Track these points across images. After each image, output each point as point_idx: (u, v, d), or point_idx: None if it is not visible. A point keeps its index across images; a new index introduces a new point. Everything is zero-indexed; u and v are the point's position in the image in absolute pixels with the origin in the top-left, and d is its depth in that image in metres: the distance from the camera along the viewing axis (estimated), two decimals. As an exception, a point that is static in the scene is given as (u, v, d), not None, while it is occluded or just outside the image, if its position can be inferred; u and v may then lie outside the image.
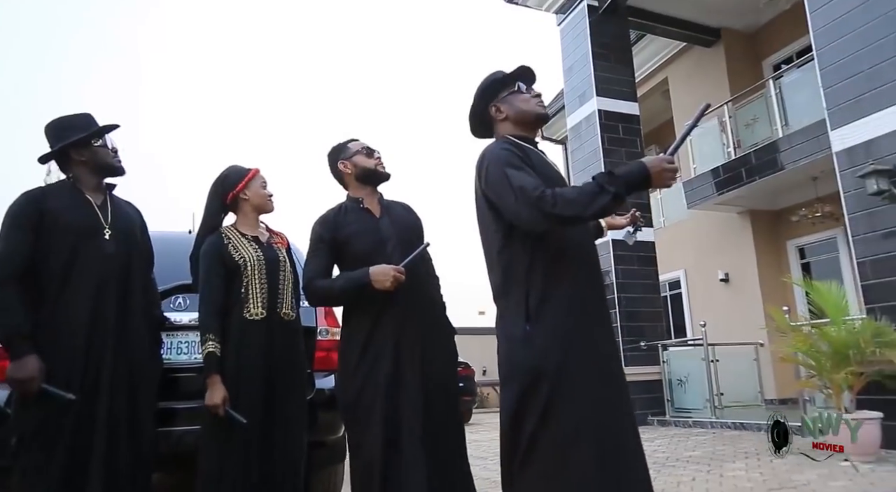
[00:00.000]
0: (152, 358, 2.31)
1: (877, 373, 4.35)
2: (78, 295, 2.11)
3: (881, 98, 4.94)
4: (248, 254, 2.43)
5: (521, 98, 1.94)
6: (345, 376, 2.26)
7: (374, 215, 2.38)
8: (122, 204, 2.40)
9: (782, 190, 8.55)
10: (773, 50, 9.66)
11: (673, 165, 1.65)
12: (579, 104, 8.83)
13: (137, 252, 2.32)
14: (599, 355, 1.74)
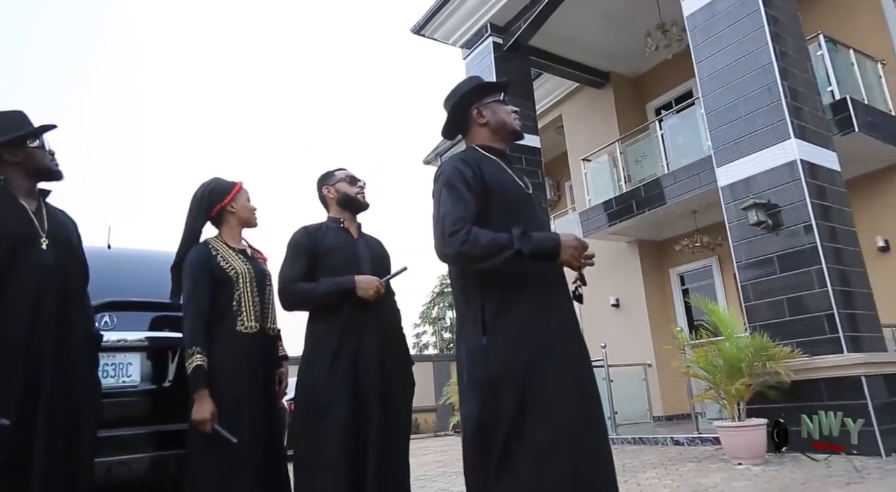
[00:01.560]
0: (95, 380, 2.12)
1: (762, 384, 4.85)
2: (14, 309, 1.90)
3: (756, 141, 5.63)
4: (240, 266, 2.39)
5: (504, 109, 1.98)
6: (313, 384, 2.26)
7: (352, 236, 2.54)
8: (57, 212, 2.19)
9: (666, 222, 9.35)
10: (655, 95, 10.65)
11: (584, 249, 1.73)
12: (485, 135, 9.16)
13: (75, 264, 2.12)
14: (563, 365, 1.73)
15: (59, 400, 1.89)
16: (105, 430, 2.37)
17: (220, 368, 2.21)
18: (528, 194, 1.95)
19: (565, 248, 1.70)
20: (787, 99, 5.43)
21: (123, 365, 2.60)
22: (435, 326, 27.44)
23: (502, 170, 1.90)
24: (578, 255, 1.72)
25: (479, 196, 1.77)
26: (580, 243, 1.73)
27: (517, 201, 1.86)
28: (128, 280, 2.97)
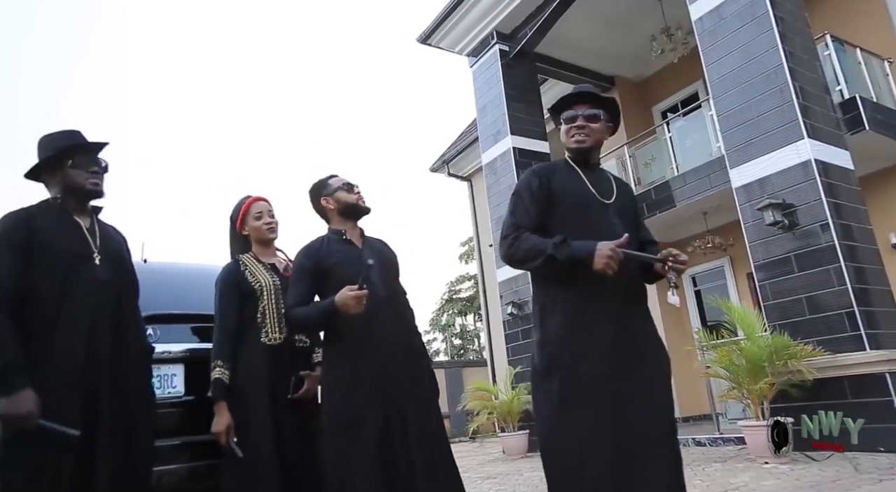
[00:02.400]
0: (151, 392, 2.16)
1: (784, 382, 4.88)
2: (73, 325, 1.94)
3: (769, 142, 5.68)
4: (265, 279, 2.44)
5: (563, 129, 2.12)
6: (337, 399, 2.26)
7: (356, 246, 2.48)
8: (109, 228, 2.24)
9: (677, 224, 9.38)
10: (661, 97, 10.72)
11: (618, 259, 1.82)
12: (494, 142, 9.25)
13: (127, 279, 2.17)
14: (602, 363, 1.89)
15: (118, 413, 1.93)
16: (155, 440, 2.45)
17: (244, 378, 2.28)
18: (603, 203, 2.05)
19: (598, 257, 1.82)
20: (798, 99, 5.48)
21: (168, 376, 2.64)
22: (445, 333, 27.47)
23: (576, 180, 2.08)
24: (613, 263, 1.82)
25: (543, 204, 2.01)
26: (614, 253, 1.82)
27: (583, 209, 2.02)
28: (165, 293, 3.02)
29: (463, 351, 26.79)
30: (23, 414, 1.76)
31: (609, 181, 2.13)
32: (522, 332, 8.35)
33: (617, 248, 1.83)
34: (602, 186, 2.08)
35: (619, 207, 2.07)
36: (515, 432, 7.65)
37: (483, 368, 14.81)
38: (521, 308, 8.35)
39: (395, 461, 2.18)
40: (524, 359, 8.23)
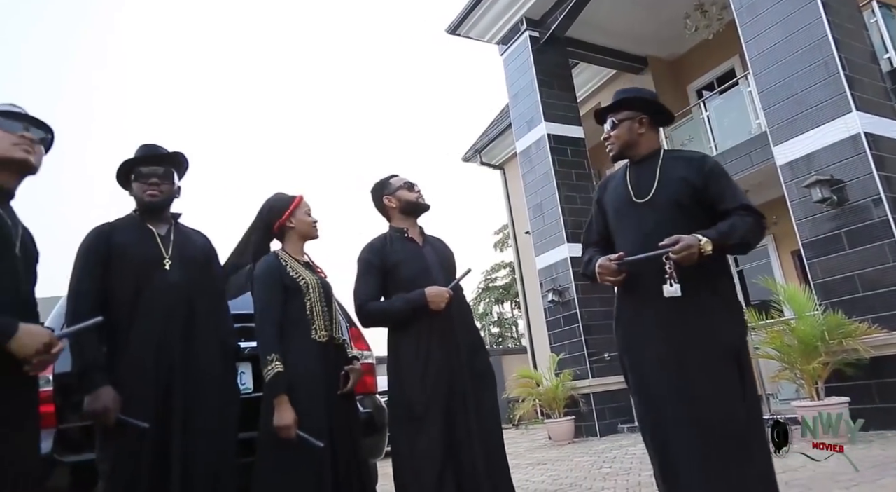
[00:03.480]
0: (225, 387, 2.23)
1: (840, 362, 4.79)
2: (145, 326, 2.09)
3: (815, 116, 5.54)
4: (308, 277, 2.46)
5: (606, 130, 2.24)
6: (408, 392, 2.34)
7: (417, 244, 2.57)
8: (190, 233, 2.37)
9: (717, 203, 9.23)
10: (696, 76, 10.50)
11: (605, 269, 2.00)
12: (528, 129, 9.21)
13: (200, 280, 2.26)
14: (648, 354, 2.02)
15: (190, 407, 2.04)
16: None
17: (298, 375, 2.26)
18: (636, 203, 2.09)
19: (598, 273, 2.04)
20: (845, 71, 5.32)
21: (238, 374, 2.75)
22: (483, 321, 27.55)
23: (621, 184, 2.18)
24: (605, 273, 2.01)
25: (599, 214, 2.25)
26: (600, 265, 2.03)
27: (619, 214, 2.15)
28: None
29: (501, 339, 26.83)
30: (99, 410, 1.92)
31: (653, 174, 2.08)
32: (564, 319, 8.35)
33: (602, 263, 2.00)
34: (642, 183, 2.09)
35: (658, 200, 2.04)
36: (561, 418, 7.68)
37: (523, 355, 14.83)
38: (561, 295, 8.34)
39: (459, 453, 2.26)
40: (567, 346, 8.24)
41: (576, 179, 8.86)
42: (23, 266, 1.71)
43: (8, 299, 1.58)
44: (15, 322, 1.53)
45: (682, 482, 1.89)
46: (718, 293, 2.00)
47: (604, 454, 5.70)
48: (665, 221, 1.99)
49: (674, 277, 1.89)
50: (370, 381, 3.31)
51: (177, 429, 2.01)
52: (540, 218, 8.97)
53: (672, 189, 2.04)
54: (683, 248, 1.85)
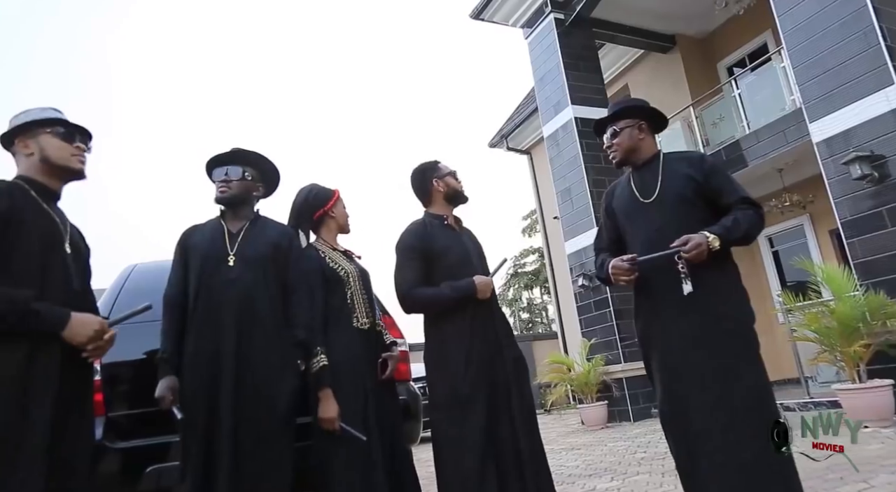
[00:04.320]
0: (282, 380, 2.22)
1: (883, 343, 4.67)
2: (202, 323, 2.17)
3: (853, 91, 5.36)
4: (347, 266, 2.49)
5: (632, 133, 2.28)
6: (452, 380, 2.35)
7: (456, 231, 2.60)
8: (268, 228, 2.40)
9: (749, 183, 8.99)
10: (726, 53, 10.23)
11: (618, 269, 2.09)
12: (555, 113, 9.11)
13: (265, 276, 2.28)
14: (669, 352, 2.09)
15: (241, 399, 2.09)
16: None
17: (342, 364, 2.30)
18: (643, 203, 2.20)
19: (611, 274, 2.13)
20: (885, 42, 5.13)
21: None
22: (512, 308, 27.52)
23: (626, 188, 2.28)
24: (618, 273, 2.09)
25: (609, 220, 2.34)
26: (614, 266, 2.10)
27: (629, 216, 2.24)
28: None
29: (531, 325, 26.76)
30: (158, 396, 2.06)
31: (655, 176, 2.20)
32: (595, 303, 8.29)
33: (615, 263, 2.09)
34: (647, 185, 2.21)
35: (664, 199, 2.15)
36: (594, 403, 7.66)
37: (553, 340, 14.80)
38: (591, 280, 8.28)
39: (500, 439, 2.29)
40: (598, 331, 8.20)
41: (604, 163, 8.73)
42: (73, 261, 1.79)
43: (60, 293, 1.67)
44: (67, 312, 1.62)
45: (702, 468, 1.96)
46: (728, 276, 2.11)
47: (637, 439, 5.68)
48: (672, 217, 2.11)
49: (687, 275, 1.99)
50: (404, 368, 3.34)
51: (225, 419, 2.06)
52: (568, 203, 8.89)
53: (676, 187, 2.15)
54: (694, 247, 1.96)
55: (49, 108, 1.90)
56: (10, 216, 1.64)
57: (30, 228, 1.69)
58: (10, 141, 1.85)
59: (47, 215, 1.77)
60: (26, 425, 1.48)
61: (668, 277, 2.03)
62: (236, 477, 2.05)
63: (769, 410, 1.98)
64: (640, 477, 3.77)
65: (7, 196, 1.68)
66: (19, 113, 1.87)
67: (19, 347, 1.51)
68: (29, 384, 1.50)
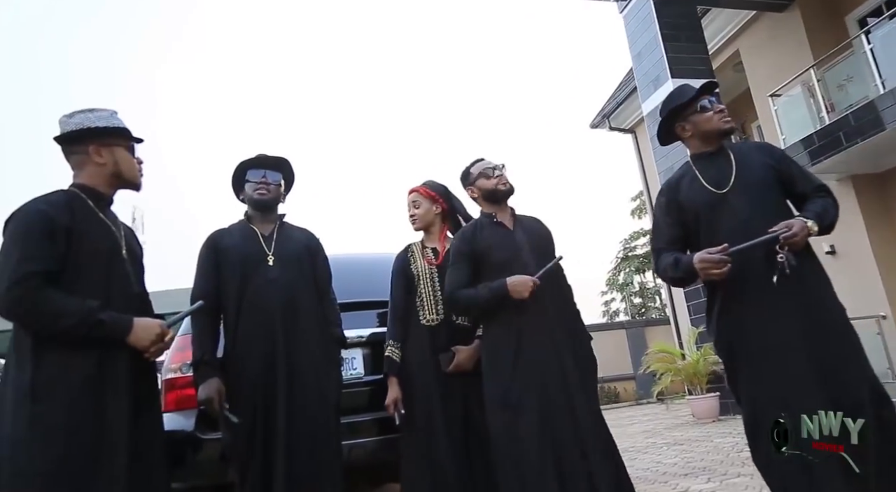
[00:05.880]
0: (328, 376, 2.39)
1: None
2: (249, 322, 2.28)
3: None
4: (422, 264, 2.65)
5: (704, 117, 2.18)
6: (501, 381, 2.33)
7: (507, 228, 2.55)
8: (294, 231, 2.57)
9: (887, 149, 8.00)
10: (856, 3, 9.12)
11: (710, 262, 1.94)
12: (654, 89, 8.62)
13: (302, 275, 2.43)
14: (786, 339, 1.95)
15: (293, 398, 2.21)
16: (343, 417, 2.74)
17: (409, 358, 2.54)
18: (719, 194, 2.10)
19: (696, 269, 1.99)
20: None
21: (349, 359, 2.94)
22: (623, 292, 26.55)
23: (695, 181, 2.16)
24: (708, 268, 1.95)
25: (676, 216, 2.20)
26: (703, 260, 1.95)
27: (704, 209, 2.11)
28: (347, 282, 3.30)
29: (644, 310, 25.65)
30: (205, 399, 2.17)
31: (729, 163, 2.14)
32: (703, 288, 7.78)
33: (705, 257, 1.94)
34: (720, 174, 2.13)
35: (743, 186, 2.08)
36: (704, 394, 7.24)
37: (666, 326, 14.15)
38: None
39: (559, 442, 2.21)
40: (708, 317, 7.69)
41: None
42: (131, 266, 1.89)
43: (123, 299, 1.80)
44: (130, 319, 1.75)
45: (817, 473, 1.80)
46: (818, 265, 2.06)
47: (749, 435, 5.30)
48: (758, 205, 2.04)
49: (789, 263, 1.88)
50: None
51: (281, 413, 2.20)
52: (671, 183, 8.40)
53: (756, 174, 2.10)
54: (798, 232, 1.89)
55: (115, 114, 1.91)
56: (72, 229, 1.72)
57: (91, 238, 1.77)
58: (77, 141, 1.83)
59: (104, 224, 1.85)
60: (105, 427, 1.63)
61: (762, 266, 1.94)
62: (293, 475, 2.15)
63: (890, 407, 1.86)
64: (740, 479, 3.52)
65: (68, 210, 1.75)
66: (83, 111, 1.86)
67: (91, 354, 1.66)
68: (103, 387, 1.65)
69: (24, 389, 1.57)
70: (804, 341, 1.90)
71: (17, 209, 1.72)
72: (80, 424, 1.60)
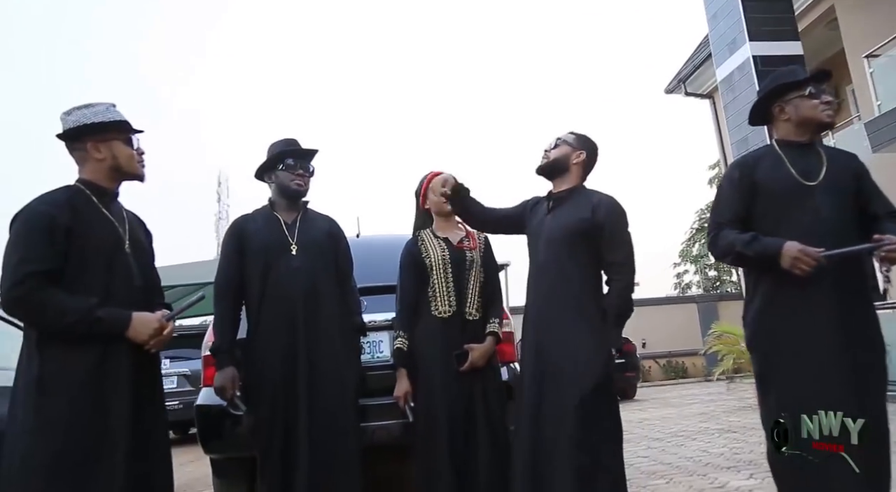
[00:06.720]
0: (348, 364, 2.43)
1: None
2: (271, 311, 2.33)
3: None
4: (436, 254, 2.57)
5: (809, 104, 2.05)
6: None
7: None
8: (317, 219, 2.58)
9: None
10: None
11: (808, 258, 1.83)
12: (729, 53, 8.03)
13: (324, 263, 2.46)
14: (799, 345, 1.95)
15: (314, 385, 2.27)
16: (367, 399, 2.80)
17: (419, 349, 2.48)
18: (806, 186, 2.00)
19: (784, 256, 1.86)
20: None
21: (376, 343, 2.96)
22: (697, 265, 25.47)
23: (780, 166, 2.04)
24: (801, 263, 1.83)
25: (746, 196, 2.05)
26: (804, 253, 1.83)
27: (785, 197, 2.00)
28: (376, 265, 3.33)
29: (718, 283, 24.53)
30: (220, 386, 2.26)
31: (819, 158, 2.05)
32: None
33: (809, 252, 1.83)
34: (810, 166, 2.03)
35: (831, 185, 2.00)
36: (769, 378, 6.90)
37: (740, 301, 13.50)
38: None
39: None
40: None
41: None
42: (134, 259, 1.90)
43: (125, 293, 1.83)
44: (128, 314, 1.78)
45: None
46: (868, 283, 2.03)
47: (810, 426, 5.02)
48: (840, 208, 1.97)
49: (888, 277, 1.85)
50: (509, 349, 3.31)
51: (302, 403, 2.26)
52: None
53: (843, 177, 2.03)
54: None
55: (112, 107, 1.91)
56: (73, 227, 1.75)
57: (93, 235, 1.80)
58: (76, 138, 1.86)
59: (107, 220, 1.86)
60: (108, 420, 1.71)
61: (827, 271, 1.88)
62: (315, 463, 2.21)
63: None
64: (784, 477, 3.36)
65: (69, 208, 1.77)
66: (80, 107, 1.87)
67: (92, 349, 1.73)
68: (105, 381, 1.73)
69: (32, 380, 1.67)
70: (843, 353, 1.88)
71: (21, 210, 1.78)
72: (80, 418, 1.67)
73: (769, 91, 2.13)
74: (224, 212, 29.14)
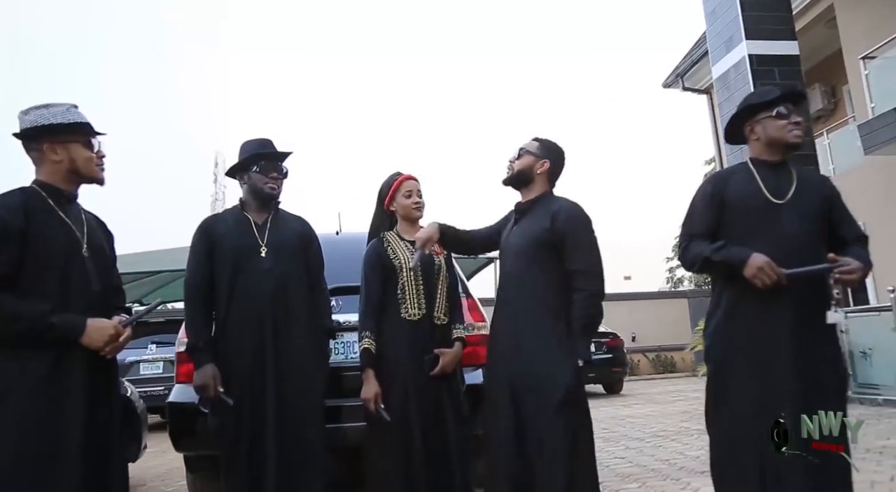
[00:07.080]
0: (316, 367, 2.43)
1: None
2: (239, 311, 2.32)
3: None
4: (405, 257, 2.53)
5: (776, 125, 2.07)
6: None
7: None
8: (288, 219, 2.55)
9: None
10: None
11: (772, 272, 1.87)
12: (726, 51, 7.97)
13: (294, 265, 2.44)
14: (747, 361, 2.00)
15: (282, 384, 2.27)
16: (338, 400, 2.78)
17: (386, 352, 2.43)
18: (775, 204, 2.04)
19: (750, 265, 1.91)
20: None
21: (349, 344, 2.96)
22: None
23: (752, 183, 2.08)
24: (763, 275, 1.88)
25: (717, 209, 2.10)
26: (769, 266, 1.88)
27: (753, 214, 2.05)
28: (355, 264, 3.29)
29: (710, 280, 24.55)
30: (202, 384, 2.24)
31: (790, 177, 2.09)
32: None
33: (773, 267, 1.87)
34: (780, 185, 2.07)
35: (799, 204, 2.03)
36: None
37: (730, 300, 13.53)
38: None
39: None
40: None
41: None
42: (92, 263, 1.86)
43: (82, 298, 1.80)
44: (83, 321, 1.75)
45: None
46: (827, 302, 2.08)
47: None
48: (808, 227, 2.01)
49: (838, 301, 1.85)
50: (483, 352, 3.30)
51: (270, 405, 2.26)
52: (738, 154, 7.85)
53: (812, 196, 2.07)
54: (856, 272, 1.90)
55: (72, 108, 1.87)
56: (27, 230, 1.71)
57: (48, 238, 1.76)
58: (33, 138, 1.81)
59: (63, 223, 1.82)
60: (60, 427, 1.69)
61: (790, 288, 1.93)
62: (283, 463, 2.23)
63: None
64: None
65: (22, 211, 1.73)
66: (39, 107, 1.82)
67: (47, 354, 1.71)
68: (60, 386, 1.71)
69: None
70: (794, 367, 1.92)
71: None
72: (33, 424, 1.66)
73: (740, 111, 2.17)
74: (220, 193, 28.93)
